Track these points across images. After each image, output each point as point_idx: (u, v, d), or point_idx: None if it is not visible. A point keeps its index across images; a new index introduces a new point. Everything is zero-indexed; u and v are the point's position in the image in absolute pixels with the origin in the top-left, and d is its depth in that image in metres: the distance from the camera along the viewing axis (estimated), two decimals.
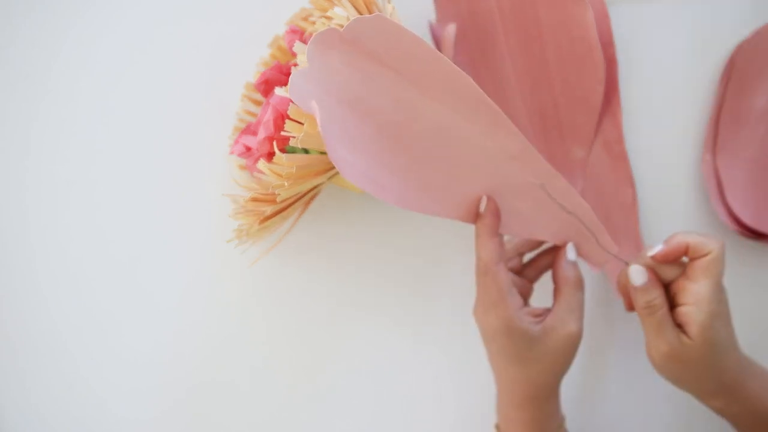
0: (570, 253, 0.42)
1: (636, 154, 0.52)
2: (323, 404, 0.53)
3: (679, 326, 0.39)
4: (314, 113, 0.33)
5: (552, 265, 0.43)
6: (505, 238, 0.46)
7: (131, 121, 0.54)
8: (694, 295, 0.38)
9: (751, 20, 0.51)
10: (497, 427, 0.44)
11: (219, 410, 0.53)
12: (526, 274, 0.45)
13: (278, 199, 0.42)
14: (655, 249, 0.40)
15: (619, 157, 0.51)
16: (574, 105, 0.50)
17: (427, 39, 0.51)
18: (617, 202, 0.51)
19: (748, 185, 0.50)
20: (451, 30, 0.48)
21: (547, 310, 0.41)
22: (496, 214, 0.39)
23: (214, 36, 0.54)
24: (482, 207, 0.39)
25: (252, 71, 0.51)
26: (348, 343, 0.53)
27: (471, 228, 0.52)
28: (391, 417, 0.53)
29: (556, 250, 0.43)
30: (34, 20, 0.54)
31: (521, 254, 0.45)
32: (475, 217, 0.40)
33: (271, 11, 0.51)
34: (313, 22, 0.48)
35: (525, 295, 0.44)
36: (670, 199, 0.52)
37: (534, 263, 0.45)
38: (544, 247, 0.46)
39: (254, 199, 0.44)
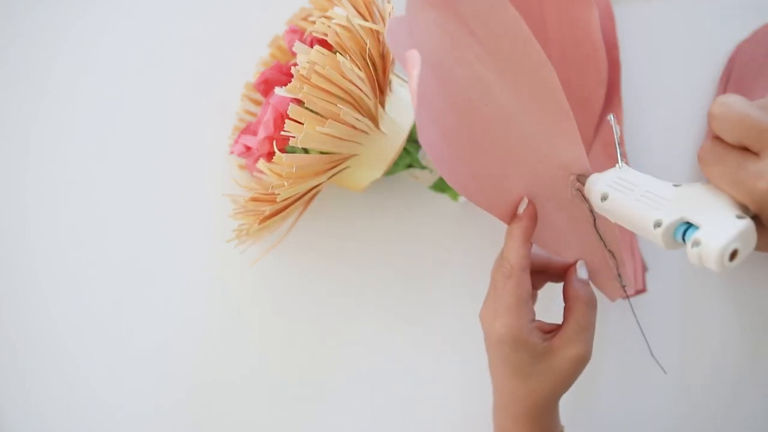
0: (581, 270, 0.40)
1: (636, 154, 0.52)
2: (323, 403, 0.53)
3: None
4: (410, 64, 0.31)
5: (560, 278, 0.41)
6: None
7: (131, 121, 0.54)
8: None
9: (751, 20, 0.51)
10: None
11: (219, 410, 0.53)
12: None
13: (278, 199, 0.42)
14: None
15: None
16: (575, 105, 0.50)
17: None
18: None
19: None
20: None
21: (558, 327, 0.39)
22: (534, 219, 0.37)
23: (214, 36, 0.54)
24: (521, 209, 0.37)
25: (252, 71, 0.51)
26: (348, 342, 0.53)
27: (472, 228, 0.52)
28: (393, 417, 0.53)
29: (566, 265, 0.41)
30: (34, 20, 0.54)
31: None
32: (511, 217, 0.38)
33: (271, 11, 0.51)
34: (313, 22, 0.48)
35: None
36: None
37: (541, 272, 0.43)
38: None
39: (254, 199, 0.44)
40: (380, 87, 0.42)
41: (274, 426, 0.53)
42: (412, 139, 0.46)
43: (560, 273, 0.41)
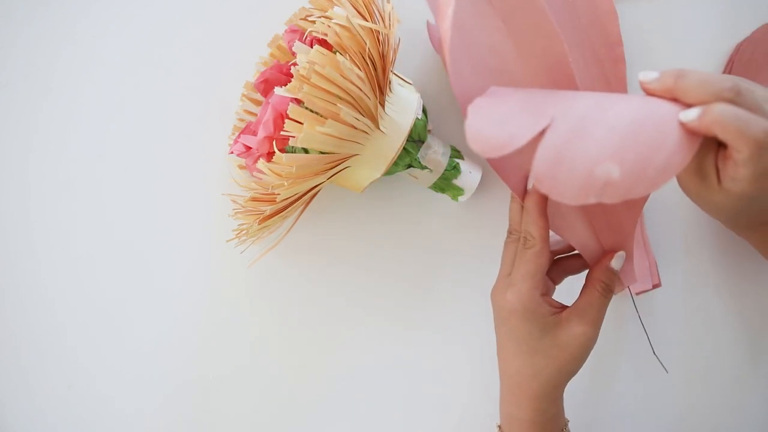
0: (616, 261, 0.39)
1: None
2: (322, 402, 0.53)
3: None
4: (444, 2, 0.31)
5: (579, 270, 0.42)
6: None
7: (131, 121, 0.54)
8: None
9: (751, 20, 0.51)
10: (499, 427, 0.44)
11: (219, 409, 0.53)
12: (550, 274, 0.42)
13: (278, 199, 0.42)
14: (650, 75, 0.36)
15: None
16: (608, 59, 0.49)
17: (426, 40, 0.51)
18: None
19: None
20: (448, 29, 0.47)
21: (566, 307, 0.39)
22: (544, 194, 0.38)
23: (214, 36, 0.54)
24: (530, 184, 0.38)
25: (252, 71, 0.51)
26: (348, 342, 0.53)
27: (471, 228, 0.52)
28: (393, 416, 0.53)
29: (584, 259, 0.41)
30: (36, 21, 0.54)
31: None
32: (523, 192, 0.38)
33: (271, 11, 0.51)
34: (313, 22, 0.48)
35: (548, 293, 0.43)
36: (671, 199, 0.52)
37: (560, 264, 0.43)
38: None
39: (254, 199, 0.44)
40: (380, 87, 0.42)
41: (274, 426, 0.53)
42: (412, 139, 0.46)
43: (578, 265, 0.42)
